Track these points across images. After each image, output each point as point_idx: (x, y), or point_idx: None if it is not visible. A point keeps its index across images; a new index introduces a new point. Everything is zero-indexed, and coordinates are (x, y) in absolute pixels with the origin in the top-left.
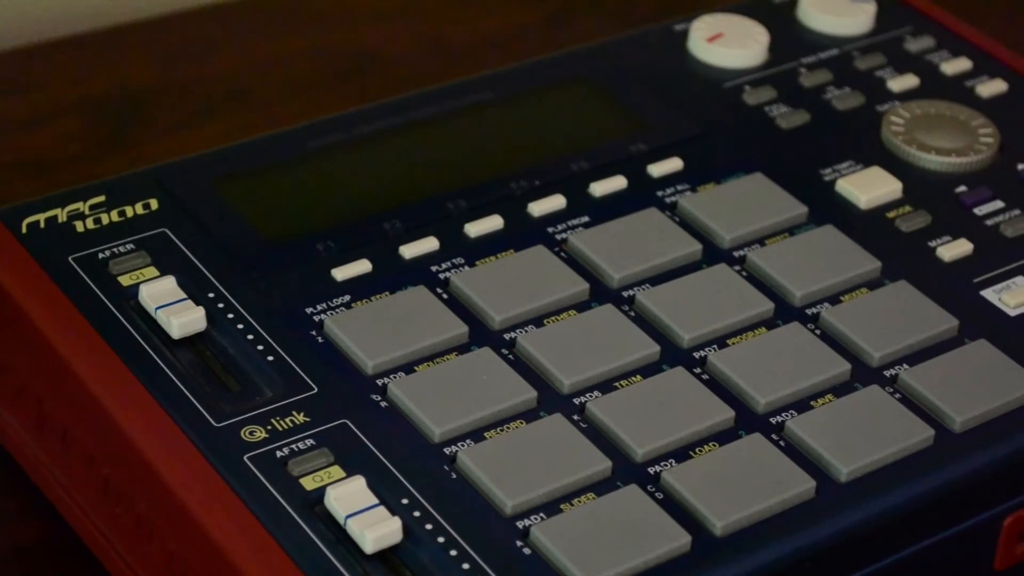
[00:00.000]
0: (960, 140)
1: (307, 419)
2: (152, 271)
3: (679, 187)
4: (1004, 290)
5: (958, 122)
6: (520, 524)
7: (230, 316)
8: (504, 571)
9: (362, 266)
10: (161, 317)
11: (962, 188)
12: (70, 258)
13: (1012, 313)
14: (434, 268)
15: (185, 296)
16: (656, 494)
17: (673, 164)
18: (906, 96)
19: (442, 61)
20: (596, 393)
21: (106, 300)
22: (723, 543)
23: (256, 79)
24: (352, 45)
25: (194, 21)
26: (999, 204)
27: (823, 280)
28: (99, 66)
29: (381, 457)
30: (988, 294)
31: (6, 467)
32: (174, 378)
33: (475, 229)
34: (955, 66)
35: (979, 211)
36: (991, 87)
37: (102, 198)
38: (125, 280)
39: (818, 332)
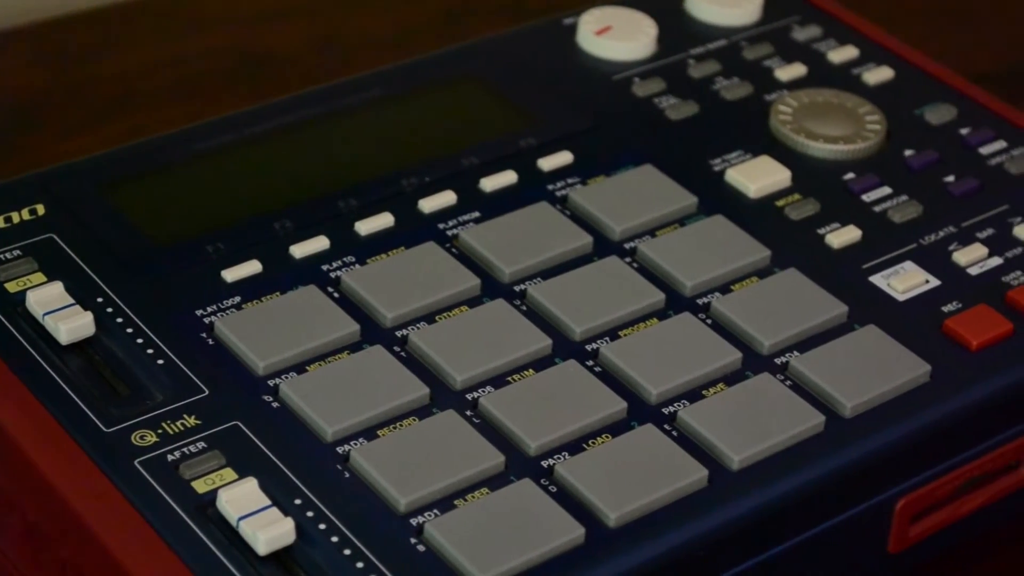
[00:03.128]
0: (847, 128)
1: (198, 422)
2: (39, 277)
3: (569, 180)
4: (893, 275)
5: (845, 110)
6: (414, 521)
7: (119, 320)
8: (399, 569)
9: (252, 267)
10: (49, 323)
11: (850, 175)
12: None
13: (901, 298)
14: (325, 267)
15: (73, 301)
16: (550, 487)
17: (563, 157)
18: (794, 85)
19: (335, 60)
20: (489, 388)
21: None
22: (617, 534)
23: (148, 81)
24: (244, 45)
25: (83, 24)
26: (887, 190)
27: (713, 270)
28: None
29: (273, 458)
30: (877, 280)
31: None
32: (63, 384)
33: (365, 227)
34: (842, 54)
35: (867, 198)
36: (877, 74)
37: None
38: (12, 287)
39: (709, 322)
